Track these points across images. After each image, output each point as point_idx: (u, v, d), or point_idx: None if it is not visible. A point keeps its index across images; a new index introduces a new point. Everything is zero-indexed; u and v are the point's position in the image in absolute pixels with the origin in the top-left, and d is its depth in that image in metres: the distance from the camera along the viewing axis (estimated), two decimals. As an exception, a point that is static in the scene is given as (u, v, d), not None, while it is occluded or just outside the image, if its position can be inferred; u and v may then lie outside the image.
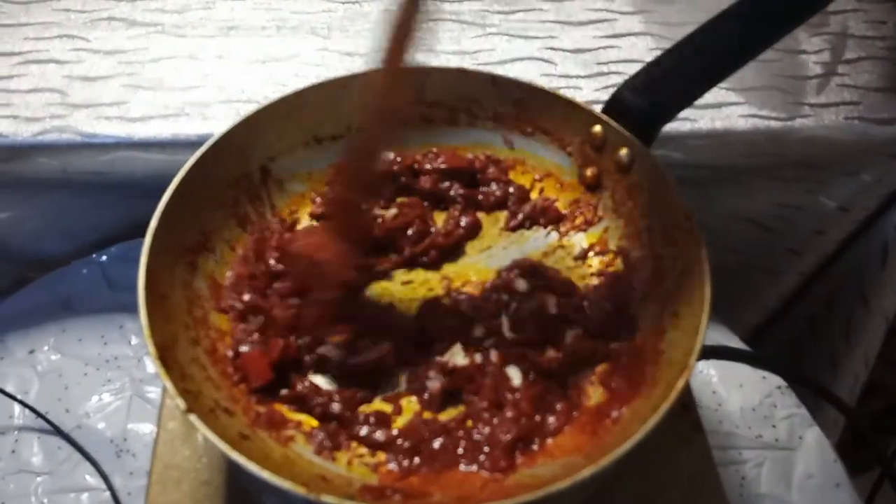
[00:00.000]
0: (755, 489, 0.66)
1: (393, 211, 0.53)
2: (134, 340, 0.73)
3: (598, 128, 0.52)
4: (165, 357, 0.40)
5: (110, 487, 0.64)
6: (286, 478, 0.36)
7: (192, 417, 0.37)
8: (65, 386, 0.70)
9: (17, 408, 0.68)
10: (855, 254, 0.82)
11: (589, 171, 0.54)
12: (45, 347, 0.72)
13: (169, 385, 0.38)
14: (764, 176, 0.74)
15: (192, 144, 0.68)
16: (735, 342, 0.72)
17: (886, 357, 0.85)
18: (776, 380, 0.72)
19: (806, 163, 0.73)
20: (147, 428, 0.68)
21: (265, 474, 0.35)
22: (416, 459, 0.43)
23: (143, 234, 0.76)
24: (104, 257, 0.77)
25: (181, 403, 0.37)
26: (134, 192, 0.73)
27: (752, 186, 0.75)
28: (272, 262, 0.49)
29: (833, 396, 0.70)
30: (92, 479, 0.65)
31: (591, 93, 0.72)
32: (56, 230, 0.79)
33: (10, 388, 0.68)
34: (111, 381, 0.70)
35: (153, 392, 0.70)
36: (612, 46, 0.75)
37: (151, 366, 0.71)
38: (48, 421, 0.67)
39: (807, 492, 0.66)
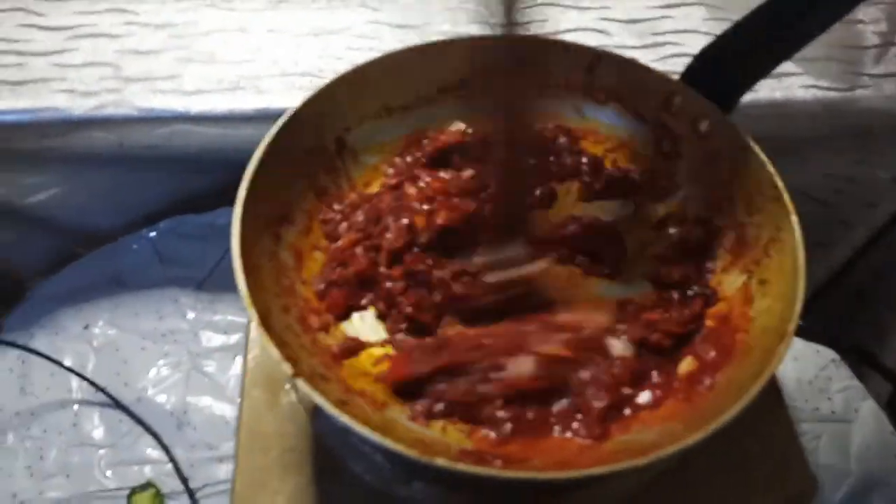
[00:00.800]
0: (814, 461, 0.66)
1: (469, 171, 0.52)
2: (189, 315, 0.73)
3: (675, 95, 0.52)
4: (265, 324, 0.40)
5: (173, 459, 0.64)
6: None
7: (300, 381, 0.37)
8: (122, 360, 0.70)
9: (74, 382, 0.68)
10: (905, 227, 0.82)
11: (664, 140, 0.54)
12: (100, 322, 0.72)
13: (274, 351, 0.38)
14: (820, 148, 0.74)
15: (249, 119, 0.68)
16: (788, 314, 0.72)
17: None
18: (830, 353, 0.72)
19: (863, 134, 0.72)
20: (206, 401, 0.68)
21: (376, 437, 0.35)
22: (509, 425, 0.43)
23: (190, 210, 0.77)
24: (153, 233, 0.77)
25: (288, 368, 0.38)
26: (184, 167, 0.74)
27: (807, 159, 0.75)
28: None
29: (887, 369, 0.70)
30: (154, 451, 0.65)
31: (647, 63, 0.71)
32: (105, 205, 0.78)
33: (67, 363, 0.69)
34: (168, 354, 0.70)
35: (211, 366, 0.70)
36: (666, 17, 0.75)
37: (208, 340, 0.72)
38: (108, 395, 0.67)
39: (865, 462, 0.66)
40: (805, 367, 0.71)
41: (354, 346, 0.46)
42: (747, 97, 0.68)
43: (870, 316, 0.87)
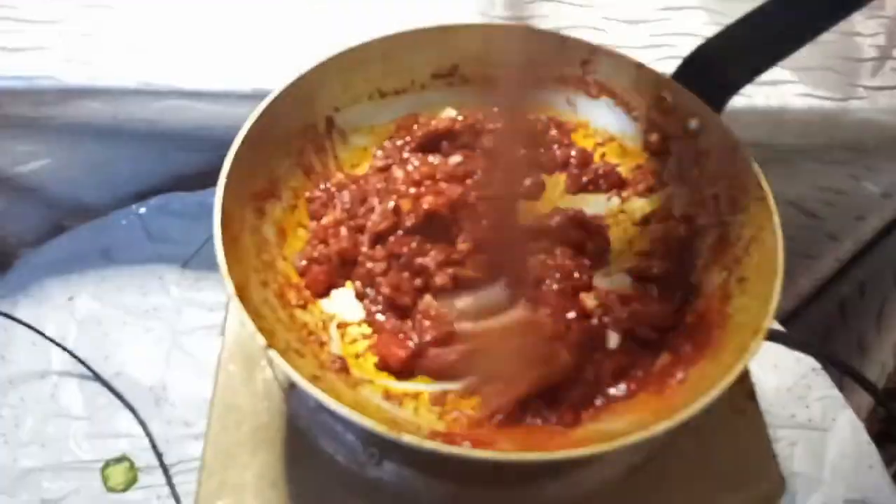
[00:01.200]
0: (789, 468, 0.66)
1: (457, 157, 0.52)
2: (174, 291, 0.73)
3: (667, 93, 0.52)
4: (241, 296, 0.40)
5: (148, 434, 0.64)
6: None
7: (272, 353, 0.37)
8: (104, 333, 0.70)
9: (55, 352, 0.68)
10: (892, 242, 0.82)
11: (654, 137, 0.54)
12: (85, 295, 0.72)
13: (248, 322, 0.38)
14: (812, 159, 0.74)
15: (245, 97, 0.68)
16: (771, 323, 0.72)
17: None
18: (810, 362, 0.72)
19: (855, 146, 0.73)
20: (186, 378, 0.68)
21: (345, 411, 0.35)
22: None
23: (180, 188, 0.77)
24: (143, 209, 0.77)
25: (260, 339, 0.38)
26: (177, 144, 0.74)
27: (799, 169, 0.75)
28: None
29: (866, 381, 0.70)
30: (130, 425, 0.65)
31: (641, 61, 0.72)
32: (96, 179, 0.79)
33: (49, 333, 0.68)
34: (150, 330, 0.70)
35: (192, 343, 0.70)
36: (666, 19, 0.75)
37: (191, 317, 0.72)
38: (88, 367, 0.67)
39: (840, 472, 0.66)
40: (785, 374, 0.71)
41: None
42: (742, 103, 0.69)
43: (853, 328, 0.87)
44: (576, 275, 0.48)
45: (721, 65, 0.49)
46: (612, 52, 0.54)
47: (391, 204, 0.50)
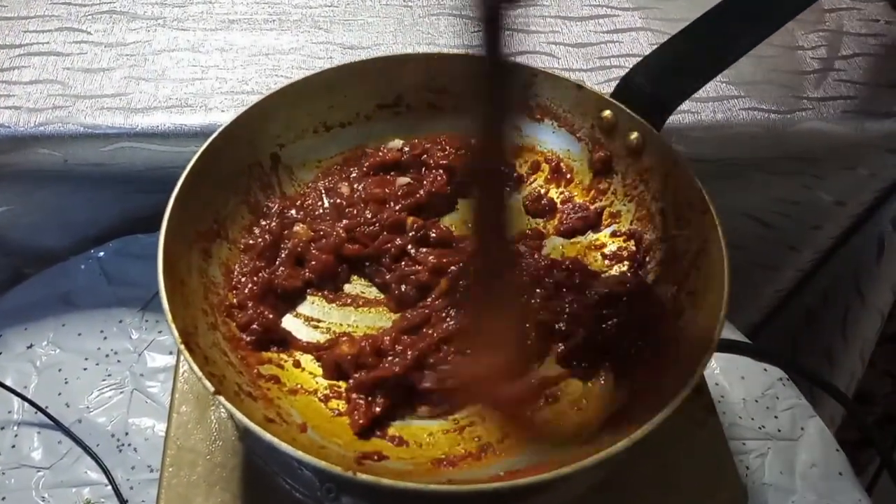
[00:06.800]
0: (759, 479, 0.66)
1: (405, 179, 0.53)
2: (134, 335, 0.72)
3: (608, 112, 0.53)
4: (188, 341, 0.39)
5: (112, 481, 0.63)
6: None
7: (221, 399, 0.37)
8: (64, 380, 0.69)
9: (16, 402, 0.67)
10: (851, 249, 0.83)
11: (599, 156, 0.54)
12: (44, 342, 0.71)
13: (195, 368, 0.37)
14: (763, 171, 0.75)
15: (195, 135, 0.68)
16: (736, 335, 0.73)
17: (880, 366, 0.87)
18: (777, 372, 0.72)
19: (804, 157, 0.74)
20: (148, 422, 0.67)
21: (300, 454, 0.35)
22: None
23: (139, 230, 0.77)
24: (102, 253, 0.76)
25: (209, 385, 0.37)
26: (132, 186, 0.73)
27: (752, 181, 0.76)
28: None
29: (832, 387, 0.71)
30: (93, 473, 0.64)
31: (594, 85, 0.72)
32: (53, 225, 0.78)
33: (9, 383, 0.67)
34: (111, 375, 0.69)
35: (154, 387, 0.69)
36: (612, 41, 0.76)
37: (152, 360, 0.71)
38: (48, 415, 0.66)
39: (810, 480, 0.66)
40: (752, 385, 0.71)
41: None
42: (689, 119, 0.70)
43: (820, 338, 0.88)
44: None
45: (656, 83, 0.50)
46: (552, 75, 0.55)
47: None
